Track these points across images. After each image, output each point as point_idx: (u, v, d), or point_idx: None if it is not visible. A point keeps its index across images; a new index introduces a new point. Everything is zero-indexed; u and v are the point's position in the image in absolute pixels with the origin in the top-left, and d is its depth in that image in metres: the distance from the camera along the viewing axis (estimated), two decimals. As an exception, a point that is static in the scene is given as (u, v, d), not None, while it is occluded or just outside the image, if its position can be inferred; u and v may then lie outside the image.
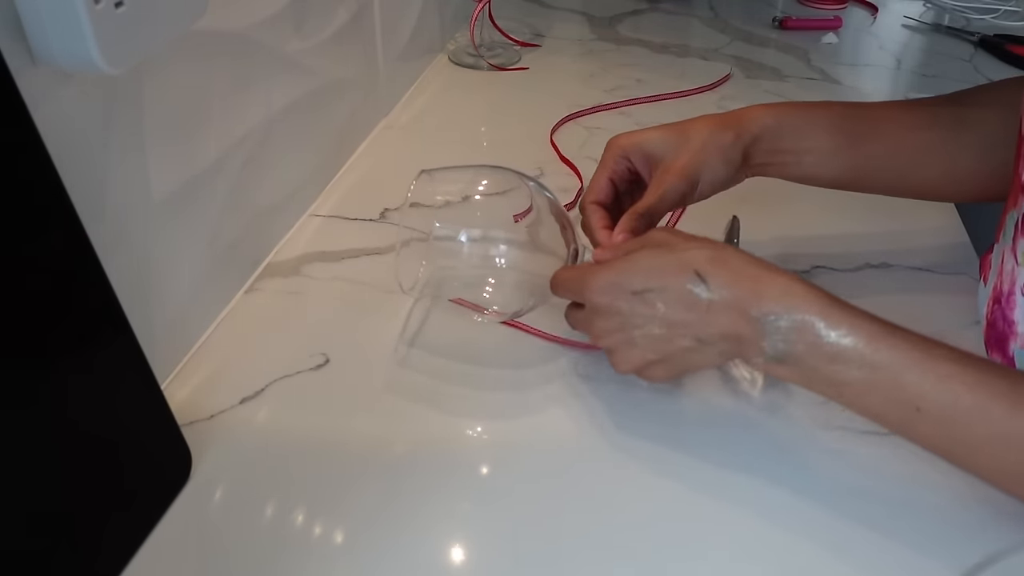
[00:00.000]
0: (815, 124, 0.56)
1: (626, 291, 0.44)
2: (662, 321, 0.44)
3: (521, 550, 0.42)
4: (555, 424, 0.49)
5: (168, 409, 0.43)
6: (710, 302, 0.42)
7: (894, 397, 0.40)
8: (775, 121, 0.55)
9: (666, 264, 0.44)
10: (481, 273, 0.52)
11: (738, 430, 0.49)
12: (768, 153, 0.55)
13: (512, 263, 0.51)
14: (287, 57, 0.61)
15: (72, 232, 0.36)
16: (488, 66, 0.98)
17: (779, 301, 0.41)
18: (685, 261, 0.43)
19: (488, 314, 0.54)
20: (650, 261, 0.44)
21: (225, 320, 0.56)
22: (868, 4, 1.24)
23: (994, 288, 0.50)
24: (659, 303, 0.43)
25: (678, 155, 0.53)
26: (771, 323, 0.41)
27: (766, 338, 0.41)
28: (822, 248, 0.65)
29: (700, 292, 0.42)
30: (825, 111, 0.57)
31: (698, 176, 0.53)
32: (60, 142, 0.36)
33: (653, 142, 0.54)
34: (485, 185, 0.52)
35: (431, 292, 0.53)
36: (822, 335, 0.40)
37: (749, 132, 0.55)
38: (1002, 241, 0.51)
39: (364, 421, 0.49)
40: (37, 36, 0.35)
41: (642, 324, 0.44)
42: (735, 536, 0.43)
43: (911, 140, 0.56)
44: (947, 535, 0.43)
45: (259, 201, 0.60)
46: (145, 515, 0.42)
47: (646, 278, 0.44)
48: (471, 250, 0.51)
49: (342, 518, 0.43)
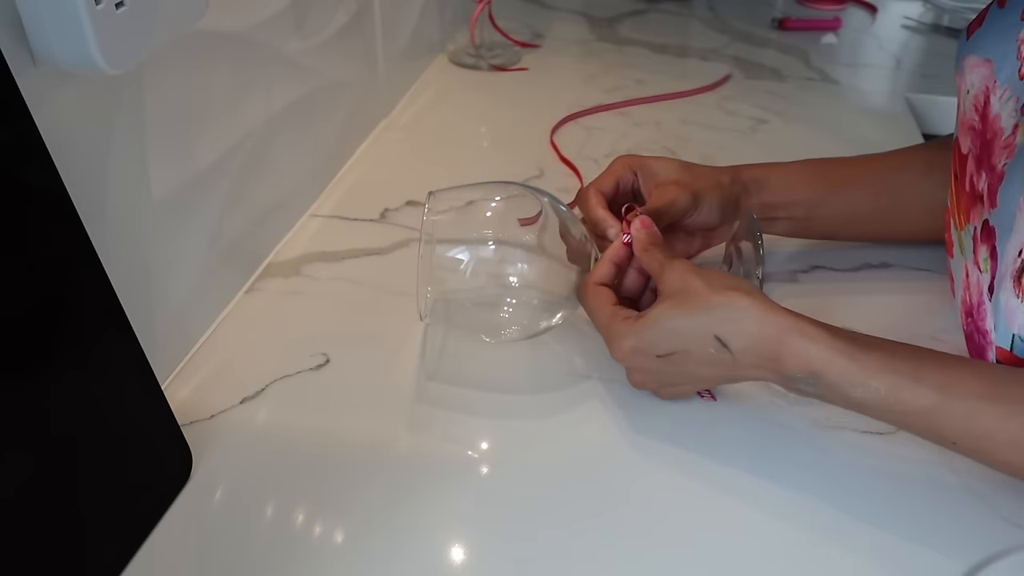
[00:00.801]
0: (796, 178, 0.60)
1: (651, 355, 0.46)
2: (693, 377, 0.47)
3: (521, 550, 0.42)
4: (555, 424, 0.49)
5: (169, 409, 0.43)
6: (735, 363, 0.44)
7: (927, 434, 0.42)
8: (760, 176, 0.59)
9: (684, 326, 0.44)
10: (496, 293, 0.50)
11: (738, 430, 0.49)
12: (759, 207, 0.59)
13: (527, 281, 0.50)
14: (287, 57, 0.61)
15: (73, 232, 0.37)
16: (488, 66, 0.98)
17: (799, 365, 0.42)
18: (703, 327, 0.43)
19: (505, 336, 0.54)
20: (669, 323, 0.44)
21: (225, 320, 0.56)
22: (867, 5, 1.24)
23: (963, 302, 0.51)
24: (687, 362, 0.45)
25: (681, 177, 0.56)
26: (796, 378, 0.43)
27: (792, 384, 0.44)
28: (822, 248, 0.65)
29: (724, 356, 0.44)
30: (804, 166, 0.61)
31: (699, 198, 0.55)
32: (61, 142, 0.36)
33: (659, 165, 0.58)
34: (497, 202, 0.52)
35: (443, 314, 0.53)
36: (846, 391, 0.42)
37: (740, 180, 0.58)
38: (959, 256, 0.52)
39: (364, 421, 0.49)
40: (38, 36, 0.35)
41: (674, 379, 0.48)
42: (735, 536, 0.43)
43: (890, 183, 0.60)
44: (947, 535, 0.43)
45: (259, 201, 0.60)
46: (146, 514, 0.42)
47: (669, 342, 0.45)
48: (482, 270, 0.50)
49: (342, 518, 0.43)
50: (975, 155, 0.49)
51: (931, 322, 0.58)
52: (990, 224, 0.46)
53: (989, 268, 0.46)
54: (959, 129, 0.53)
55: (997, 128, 0.47)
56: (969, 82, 0.51)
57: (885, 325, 0.47)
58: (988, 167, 0.47)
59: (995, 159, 0.46)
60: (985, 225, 0.47)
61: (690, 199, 0.55)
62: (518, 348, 0.55)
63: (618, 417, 0.49)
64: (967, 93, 0.51)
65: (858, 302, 0.60)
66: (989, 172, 0.47)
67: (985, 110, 0.49)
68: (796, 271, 0.63)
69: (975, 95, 0.50)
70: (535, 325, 0.52)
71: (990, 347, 0.47)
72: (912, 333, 0.56)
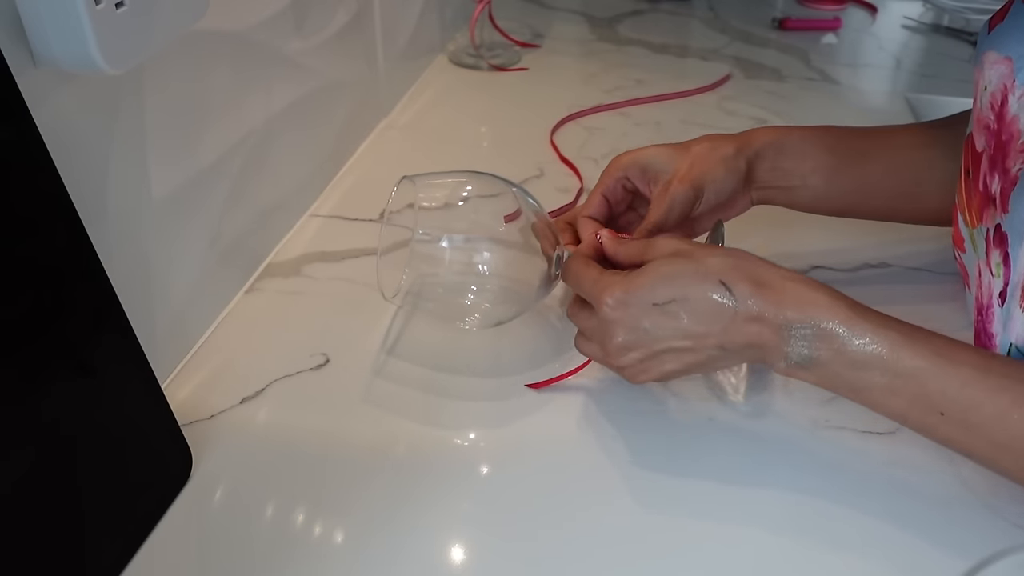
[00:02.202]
0: (816, 143, 0.56)
1: (646, 304, 0.43)
2: (686, 333, 0.43)
3: (521, 550, 0.42)
4: (555, 425, 0.49)
5: (169, 409, 0.43)
6: (735, 311, 0.42)
7: (917, 402, 0.40)
8: (776, 139, 0.56)
9: (687, 272, 0.43)
10: (463, 280, 0.51)
11: (737, 428, 0.49)
12: (771, 172, 0.56)
13: (495, 270, 0.50)
14: (287, 57, 0.61)
15: (73, 232, 0.37)
16: (488, 66, 0.98)
17: (802, 310, 0.41)
18: (707, 269, 0.42)
19: (470, 322, 0.53)
20: (669, 269, 0.43)
21: (225, 320, 0.56)
22: (868, 4, 1.24)
23: (976, 299, 0.51)
24: (683, 313, 0.42)
25: (679, 166, 0.54)
26: (795, 331, 0.41)
27: (790, 344, 0.41)
28: (822, 248, 0.65)
29: (725, 301, 0.42)
30: (825, 131, 0.57)
31: (703, 183, 0.53)
32: (61, 142, 0.36)
33: (650, 157, 0.55)
34: (469, 191, 0.52)
35: (412, 300, 0.52)
36: (845, 343, 0.40)
37: (751, 147, 0.55)
38: (971, 253, 0.51)
39: (364, 421, 0.49)
40: (38, 37, 0.35)
41: (665, 339, 0.43)
42: (734, 535, 0.43)
43: (912, 157, 0.57)
44: (947, 535, 0.43)
45: (259, 201, 0.60)
46: (146, 514, 0.42)
47: (668, 288, 0.42)
48: (453, 256, 0.50)
49: (342, 518, 0.43)
50: (989, 155, 0.48)
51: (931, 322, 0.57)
52: (1003, 229, 0.45)
53: (1002, 274, 0.46)
54: (974, 126, 0.51)
55: (1014, 130, 0.45)
56: (987, 78, 0.49)
57: (885, 325, 0.47)
58: (1002, 170, 0.46)
59: (1009, 162, 0.45)
60: (998, 229, 0.46)
61: (691, 192, 0.52)
62: (515, 347, 0.55)
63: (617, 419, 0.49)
64: (984, 90, 0.49)
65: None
66: (1003, 175, 0.46)
67: (1002, 110, 0.47)
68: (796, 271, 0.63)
69: (992, 92, 0.48)
70: (504, 313, 0.52)
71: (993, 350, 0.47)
72: (912, 333, 0.56)
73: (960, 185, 0.52)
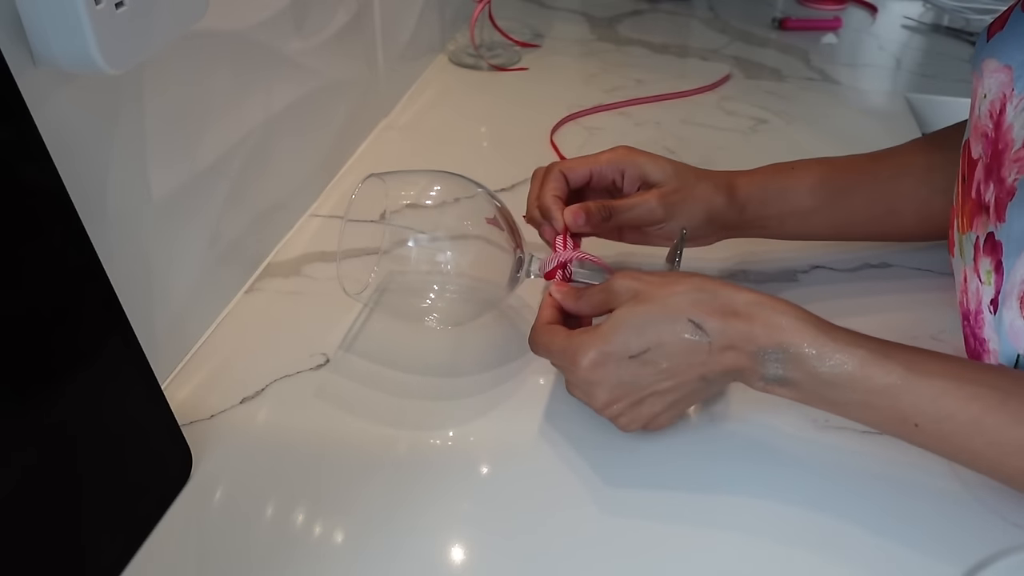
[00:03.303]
0: (797, 187, 0.58)
1: (622, 358, 0.43)
2: (667, 375, 0.43)
3: (521, 550, 0.42)
4: (555, 423, 0.49)
5: (168, 409, 0.43)
6: (710, 345, 0.42)
7: (891, 416, 0.41)
8: (760, 190, 0.57)
9: (655, 318, 0.43)
10: (428, 279, 0.51)
11: (735, 428, 0.49)
12: (752, 220, 0.58)
13: (460, 269, 0.50)
14: (287, 57, 0.61)
15: (73, 232, 0.37)
16: (488, 66, 0.98)
17: (771, 336, 0.41)
18: (674, 310, 0.42)
19: (434, 320, 0.53)
20: (636, 318, 0.43)
21: (225, 320, 0.56)
22: (868, 4, 1.24)
23: (961, 304, 0.51)
24: (660, 359, 0.43)
25: (668, 184, 0.54)
26: (768, 355, 0.42)
27: (764, 367, 0.42)
28: (822, 248, 0.65)
29: (699, 339, 0.42)
30: (806, 171, 0.59)
31: (675, 212, 0.54)
32: (61, 142, 0.36)
33: (654, 166, 0.55)
34: (437, 191, 0.52)
35: (376, 296, 0.52)
36: (816, 364, 0.41)
37: (738, 202, 0.57)
38: (959, 258, 0.52)
39: (364, 421, 0.49)
40: (38, 37, 0.35)
41: (647, 385, 0.43)
42: (732, 535, 0.43)
43: (886, 190, 0.59)
44: (946, 535, 0.43)
45: (259, 201, 0.60)
46: (146, 514, 0.42)
47: (639, 338, 0.42)
48: (420, 255, 0.50)
49: (342, 518, 0.43)
50: (985, 163, 0.48)
51: (931, 322, 0.58)
52: (996, 238, 0.45)
53: (993, 282, 0.46)
54: (971, 132, 0.51)
55: (1009, 139, 0.45)
56: (987, 86, 0.49)
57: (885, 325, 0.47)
58: (997, 179, 0.46)
59: (1004, 171, 0.45)
60: (990, 238, 0.46)
61: (659, 212, 0.53)
62: (513, 345, 0.55)
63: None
64: (983, 98, 0.49)
65: (858, 302, 0.60)
66: (998, 184, 0.46)
67: (1000, 118, 0.47)
68: (796, 271, 0.63)
69: (991, 101, 0.48)
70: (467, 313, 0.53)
71: (988, 355, 0.47)
72: (912, 333, 0.56)
73: (957, 191, 0.53)
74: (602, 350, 0.43)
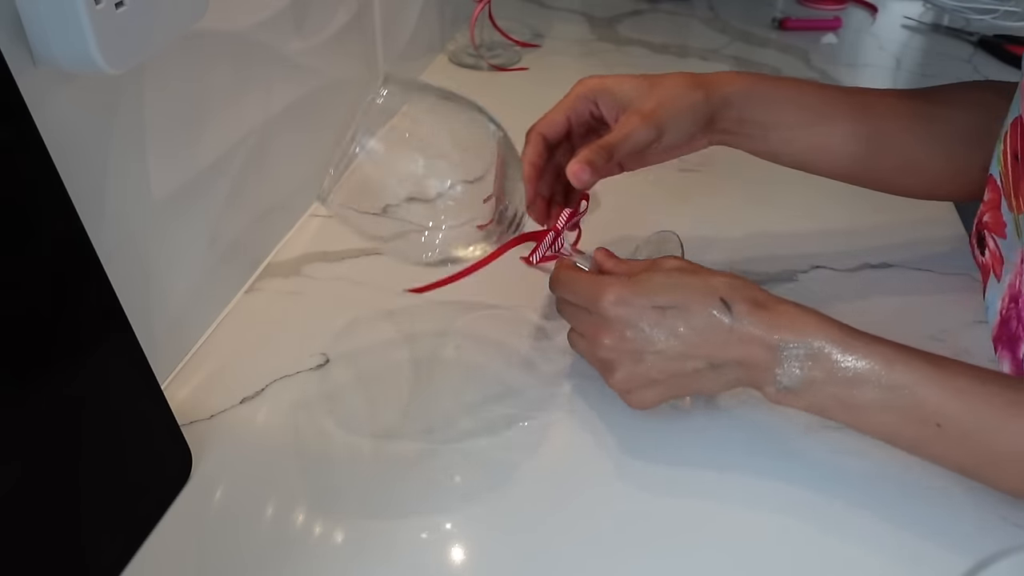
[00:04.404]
0: (784, 98, 0.56)
1: (646, 306, 0.43)
2: (680, 339, 0.43)
3: (521, 550, 0.42)
4: (555, 424, 0.49)
5: (168, 409, 0.43)
6: (731, 328, 0.42)
7: (913, 415, 0.40)
8: (746, 89, 0.55)
9: (691, 284, 0.43)
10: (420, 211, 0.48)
11: (737, 426, 0.49)
12: (735, 122, 0.55)
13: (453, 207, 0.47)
14: (287, 57, 0.61)
15: (73, 232, 0.36)
16: (488, 66, 0.98)
17: (795, 330, 0.42)
18: (710, 286, 0.43)
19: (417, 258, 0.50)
20: (674, 280, 0.44)
21: (225, 320, 0.56)
22: (868, 4, 1.24)
23: (1010, 286, 0.49)
24: (680, 322, 0.43)
25: (645, 102, 0.53)
26: (789, 351, 0.41)
27: (782, 365, 0.42)
28: (822, 248, 0.65)
29: (723, 318, 0.42)
30: (796, 87, 0.57)
31: (664, 126, 0.52)
32: (60, 142, 0.36)
33: (623, 87, 0.54)
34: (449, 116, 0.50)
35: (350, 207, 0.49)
36: (839, 360, 0.41)
37: (720, 95, 0.54)
38: (1015, 240, 0.50)
39: (364, 421, 0.49)
40: (38, 37, 0.35)
41: (658, 341, 0.43)
42: (733, 534, 0.43)
43: (872, 125, 0.56)
44: (947, 535, 0.43)
45: (259, 201, 0.60)
46: (146, 515, 0.42)
47: (670, 294, 0.43)
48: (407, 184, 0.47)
49: (342, 518, 0.43)
50: None
51: (931, 322, 0.58)
52: None
53: None
54: None
55: None
56: None
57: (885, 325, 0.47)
58: None
59: None
60: None
61: (652, 132, 0.51)
62: (511, 344, 0.55)
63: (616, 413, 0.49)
64: None
65: (858, 302, 0.60)
66: None
67: None
68: (796, 271, 0.63)
69: None
70: (454, 251, 0.49)
71: None
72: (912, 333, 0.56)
73: (1006, 169, 0.51)
74: (631, 290, 0.44)
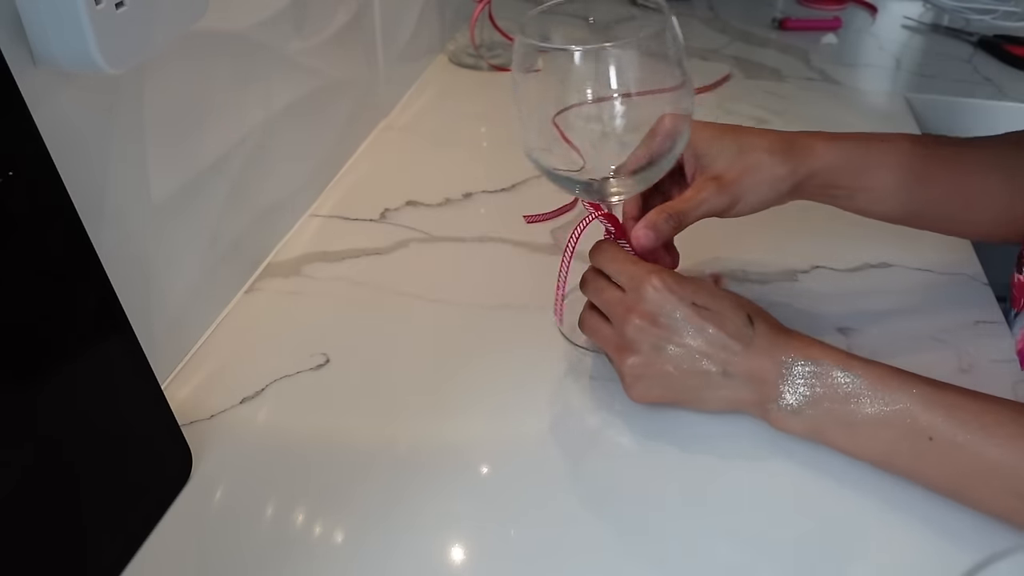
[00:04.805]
0: (879, 164, 0.54)
1: (687, 299, 0.46)
2: (706, 340, 0.46)
3: (521, 550, 0.42)
4: (553, 422, 0.49)
5: (168, 409, 0.43)
6: (751, 342, 0.46)
7: (907, 428, 0.42)
8: (838, 160, 0.53)
9: (726, 297, 0.47)
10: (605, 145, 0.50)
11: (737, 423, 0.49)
12: (820, 187, 0.54)
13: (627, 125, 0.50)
14: (287, 57, 0.61)
15: (73, 232, 0.37)
16: (488, 66, 0.98)
17: (802, 352, 0.45)
18: (740, 303, 0.47)
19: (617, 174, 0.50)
20: (712, 289, 0.48)
21: (225, 320, 0.56)
22: (868, 5, 1.24)
23: None
24: (711, 323, 0.46)
25: (728, 168, 0.52)
26: (796, 368, 0.45)
27: (787, 381, 0.45)
28: (822, 248, 0.65)
29: (747, 331, 0.46)
30: (892, 149, 0.55)
31: (741, 196, 0.52)
32: (61, 142, 0.36)
33: (708, 142, 0.53)
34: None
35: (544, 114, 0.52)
36: (838, 377, 0.44)
37: (807, 169, 0.53)
38: None
39: (364, 421, 0.49)
40: (38, 37, 0.35)
41: (685, 334, 0.46)
42: (733, 532, 0.43)
43: (969, 183, 0.55)
44: (947, 535, 0.43)
45: (259, 201, 0.60)
46: (146, 515, 0.42)
47: (710, 298, 0.47)
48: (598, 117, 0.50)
49: (342, 518, 0.43)
50: None
51: (931, 322, 0.58)
52: None
53: None
54: None
55: None
56: None
57: (885, 325, 0.47)
58: None
59: None
60: None
61: (727, 202, 0.51)
62: (511, 344, 0.55)
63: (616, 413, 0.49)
64: None
65: (858, 302, 0.60)
66: None
67: None
68: (796, 271, 0.63)
69: None
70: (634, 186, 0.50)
71: None
72: (912, 333, 0.56)
73: None
74: (676, 281, 0.47)
